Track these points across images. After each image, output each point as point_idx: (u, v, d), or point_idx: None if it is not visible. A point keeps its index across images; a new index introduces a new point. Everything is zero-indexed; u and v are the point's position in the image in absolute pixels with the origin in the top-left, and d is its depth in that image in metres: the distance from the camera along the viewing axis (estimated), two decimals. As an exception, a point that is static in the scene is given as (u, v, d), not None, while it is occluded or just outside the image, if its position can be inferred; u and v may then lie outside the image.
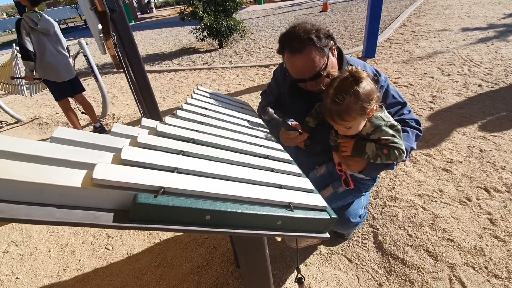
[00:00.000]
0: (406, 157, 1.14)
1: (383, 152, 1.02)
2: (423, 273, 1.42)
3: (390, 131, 1.01)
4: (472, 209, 1.73)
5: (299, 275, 1.02)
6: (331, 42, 1.14)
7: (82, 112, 3.87)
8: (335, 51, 1.20)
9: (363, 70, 0.95)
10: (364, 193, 1.39)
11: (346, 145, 1.11)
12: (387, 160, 1.04)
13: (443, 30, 5.62)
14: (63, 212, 0.47)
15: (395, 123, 1.03)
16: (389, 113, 1.17)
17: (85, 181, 0.48)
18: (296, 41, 1.07)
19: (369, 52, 4.69)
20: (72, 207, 0.48)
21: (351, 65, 1.23)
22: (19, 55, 4.05)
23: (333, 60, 1.18)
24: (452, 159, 2.17)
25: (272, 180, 0.73)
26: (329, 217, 0.71)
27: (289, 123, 1.24)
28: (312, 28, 1.08)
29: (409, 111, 1.24)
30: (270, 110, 1.17)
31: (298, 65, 1.11)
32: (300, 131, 1.22)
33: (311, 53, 1.07)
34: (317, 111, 1.23)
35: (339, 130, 1.05)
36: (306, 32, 1.06)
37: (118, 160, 0.57)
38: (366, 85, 0.92)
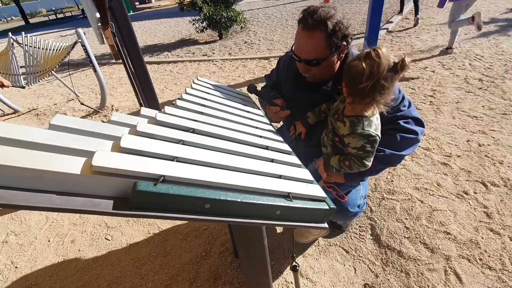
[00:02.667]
0: (396, 164, 1.16)
1: (345, 164, 1.09)
2: (419, 265, 1.44)
3: (361, 142, 1.00)
4: (469, 203, 1.75)
5: (293, 263, 1.03)
6: (344, 43, 1.10)
7: (82, 103, 3.85)
8: (343, 54, 1.17)
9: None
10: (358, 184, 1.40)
11: (320, 169, 1.23)
12: (351, 171, 1.09)
13: (445, 24, 5.56)
14: (63, 199, 0.47)
15: (374, 133, 0.99)
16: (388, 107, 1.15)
17: (84, 168, 0.48)
18: (312, 18, 1.03)
19: (370, 45, 4.59)
20: (72, 194, 0.48)
21: None
22: (16, 44, 4.00)
23: (334, 61, 1.15)
24: (450, 153, 2.18)
25: (272, 170, 0.73)
26: (327, 207, 0.71)
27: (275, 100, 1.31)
28: (335, 16, 1.04)
29: (407, 106, 1.16)
30: (254, 85, 1.27)
31: (301, 41, 1.09)
32: (281, 106, 1.28)
33: (318, 38, 1.04)
34: (321, 109, 1.23)
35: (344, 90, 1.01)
36: (327, 17, 1.02)
37: (118, 148, 0.56)
38: (361, 65, 0.87)
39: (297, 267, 1.06)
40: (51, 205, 0.45)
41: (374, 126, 1.00)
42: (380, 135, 1.02)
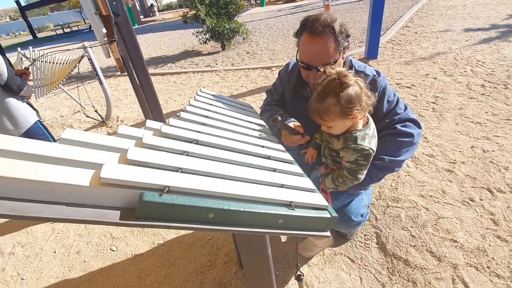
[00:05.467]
0: (397, 169, 1.18)
1: (338, 181, 1.10)
2: (426, 274, 1.42)
3: (354, 156, 1.01)
4: (475, 210, 1.73)
5: (298, 272, 1.03)
6: (347, 43, 1.15)
7: (88, 116, 3.93)
8: (345, 55, 1.21)
9: (356, 75, 0.95)
10: (359, 192, 1.41)
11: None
12: (346, 186, 1.12)
13: (445, 31, 5.61)
14: (72, 210, 0.49)
15: (367, 147, 1.00)
16: (383, 111, 1.17)
17: (93, 180, 0.50)
18: (319, 24, 1.07)
19: (371, 53, 4.70)
20: (81, 205, 0.50)
21: (357, 70, 1.24)
22: (24, 59, 4.12)
23: (341, 61, 1.19)
24: (455, 160, 2.17)
25: (274, 179, 0.75)
26: (329, 216, 0.72)
27: (291, 123, 1.25)
28: (337, 19, 1.10)
29: (403, 109, 1.19)
30: (279, 118, 1.15)
31: (312, 48, 1.11)
32: (302, 133, 1.24)
33: (328, 41, 1.08)
34: None
35: (322, 127, 1.05)
36: (332, 20, 1.08)
37: (125, 160, 0.58)
38: (351, 90, 0.90)
39: (302, 276, 1.05)
40: (61, 216, 0.47)
41: (368, 139, 1.02)
42: (374, 148, 1.03)
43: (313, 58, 1.13)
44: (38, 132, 2.11)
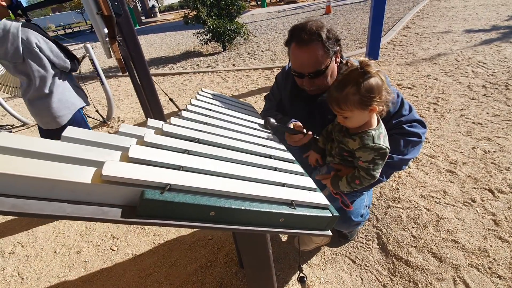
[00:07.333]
0: (404, 167, 1.18)
1: (355, 183, 1.08)
2: (427, 274, 1.42)
3: (372, 155, 1.00)
4: (477, 210, 1.72)
5: (301, 274, 1.03)
6: (338, 47, 1.15)
7: (89, 116, 3.93)
8: (339, 59, 1.21)
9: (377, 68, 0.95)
10: (363, 192, 1.40)
11: (325, 181, 1.20)
12: (362, 186, 1.09)
13: (446, 32, 5.62)
14: (74, 207, 0.49)
15: (384, 146, 0.99)
16: (390, 112, 1.17)
17: (94, 177, 0.50)
18: (305, 33, 1.08)
19: (372, 54, 4.69)
20: (82, 202, 0.50)
21: None
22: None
23: (334, 66, 1.18)
24: (456, 160, 2.17)
25: (275, 178, 0.75)
26: (331, 215, 0.72)
27: (292, 124, 1.24)
28: (324, 26, 1.10)
29: (409, 111, 1.20)
30: (272, 120, 1.16)
31: (301, 57, 1.12)
32: (304, 131, 1.22)
33: (316, 49, 1.09)
34: (328, 130, 1.23)
35: (338, 118, 1.05)
36: (318, 28, 1.08)
37: (126, 158, 0.58)
38: (373, 80, 0.90)
39: (305, 278, 1.05)
40: (63, 213, 0.47)
41: (383, 138, 1.02)
42: (389, 147, 1.03)
43: (303, 67, 1.14)
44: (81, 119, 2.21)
